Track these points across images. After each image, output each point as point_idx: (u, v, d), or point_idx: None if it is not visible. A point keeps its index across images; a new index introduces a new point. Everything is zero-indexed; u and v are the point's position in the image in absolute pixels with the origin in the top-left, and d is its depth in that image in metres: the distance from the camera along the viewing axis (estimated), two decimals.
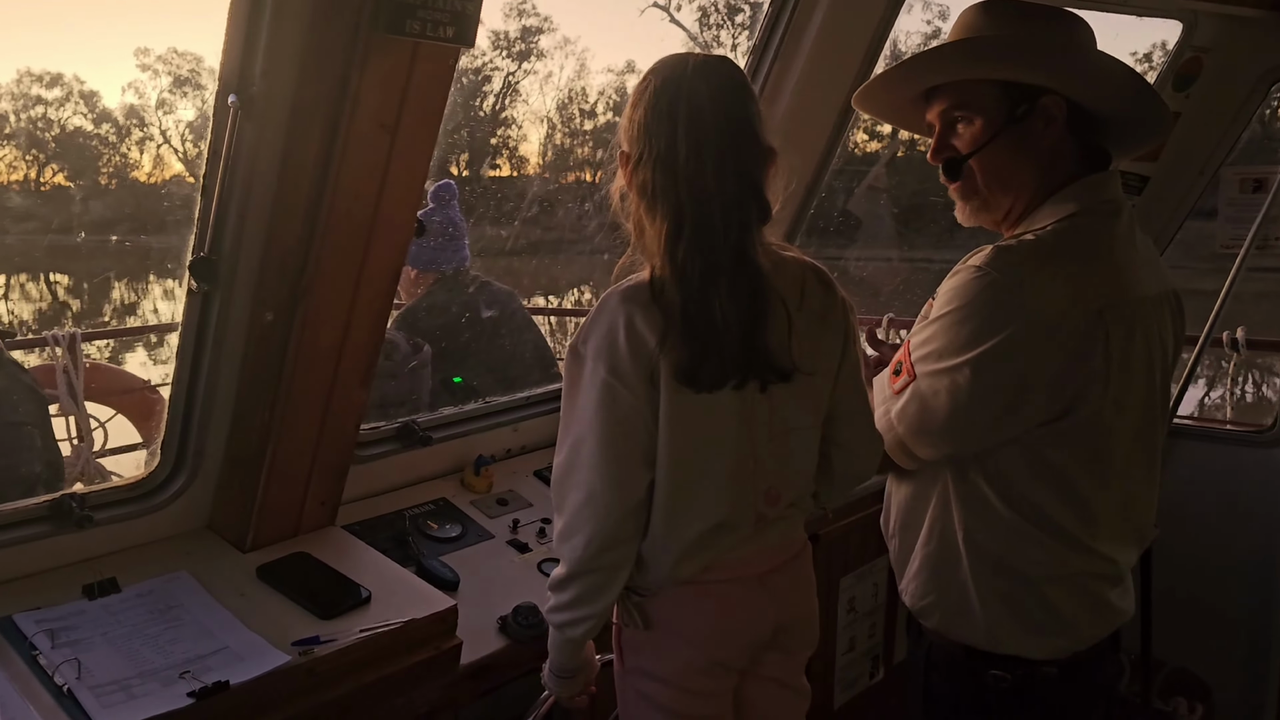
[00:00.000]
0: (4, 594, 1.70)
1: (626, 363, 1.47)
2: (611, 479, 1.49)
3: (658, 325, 1.46)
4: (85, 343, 4.20)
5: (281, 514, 1.95)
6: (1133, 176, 3.35)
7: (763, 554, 1.61)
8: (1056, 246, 1.63)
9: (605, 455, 1.48)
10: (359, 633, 1.72)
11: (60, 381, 4.02)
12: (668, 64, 1.53)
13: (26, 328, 12.46)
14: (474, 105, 16.80)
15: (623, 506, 1.50)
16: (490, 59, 17.63)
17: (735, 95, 1.52)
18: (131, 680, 1.55)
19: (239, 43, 1.61)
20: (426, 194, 3.09)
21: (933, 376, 1.64)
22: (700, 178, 1.47)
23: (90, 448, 4.09)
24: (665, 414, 1.49)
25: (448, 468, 2.43)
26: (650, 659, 1.61)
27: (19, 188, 15.11)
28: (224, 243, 1.75)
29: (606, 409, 1.48)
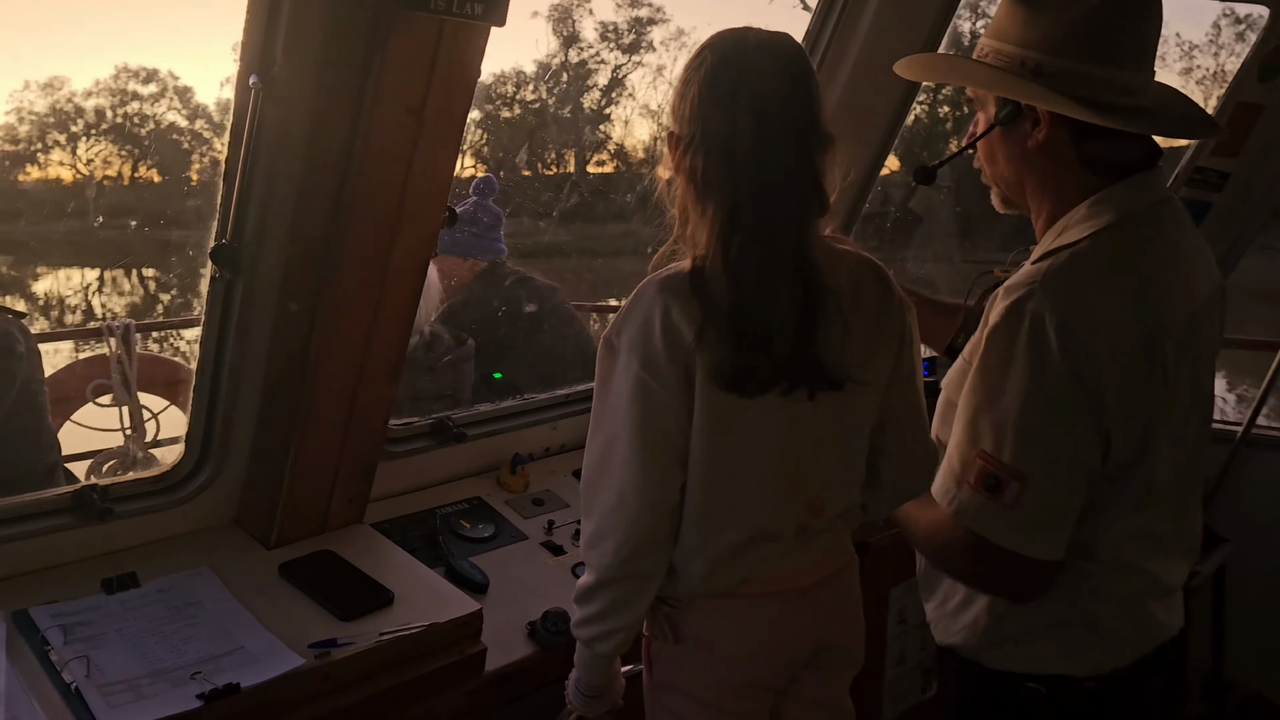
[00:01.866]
0: (23, 586, 1.68)
1: (662, 357, 1.37)
2: (643, 482, 1.39)
3: (696, 319, 1.37)
4: (140, 334, 4.23)
5: (307, 510, 1.90)
6: (1212, 173, 3.18)
7: (805, 567, 1.50)
8: (1097, 267, 1.48)
9: (637, 455, 1.39)
10: (379, 636, 1.65)
11: (114, 372, 4.03)
12: (726, 39, 1.42)
13: (129, 319, 12.87)
14: (578, 99, 16.85)
15: (655, 510, 1.41)
16: (596, 51, 17.53)
17: (801, 77, 1.41)
18: (141, 680, 1.51)
19: (261, 20, 1.55)
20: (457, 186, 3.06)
21: (1007, 472, 1.46)
22: (763, 167, 1.37)
23: (143, 438, 4.10)
24: (701, 414, 1.39)
25: (484, 465, 2.36)
26: (681, 674, 1.52)
27: (110, 183, 15.49)
28: (246, 230, 1.69)
29: (639, 405, 1.38)
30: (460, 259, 3.13)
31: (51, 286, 13.41)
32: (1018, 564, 1.47)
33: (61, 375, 3.92)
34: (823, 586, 1.52)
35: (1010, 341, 1.44)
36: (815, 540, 1.50)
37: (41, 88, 16.02)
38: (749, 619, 1.48)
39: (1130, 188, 1.53)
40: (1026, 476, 1.43)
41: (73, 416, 3.91)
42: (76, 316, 12.76)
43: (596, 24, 17.58)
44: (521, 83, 17.49)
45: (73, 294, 13.30)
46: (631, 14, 17.14)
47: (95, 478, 3.72)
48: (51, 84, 15.99)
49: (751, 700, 1.51)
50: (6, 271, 12.75)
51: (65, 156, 15.93)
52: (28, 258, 12.94)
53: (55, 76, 15.68)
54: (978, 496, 1.46)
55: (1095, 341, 1.42)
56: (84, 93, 16.26)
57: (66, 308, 13.07)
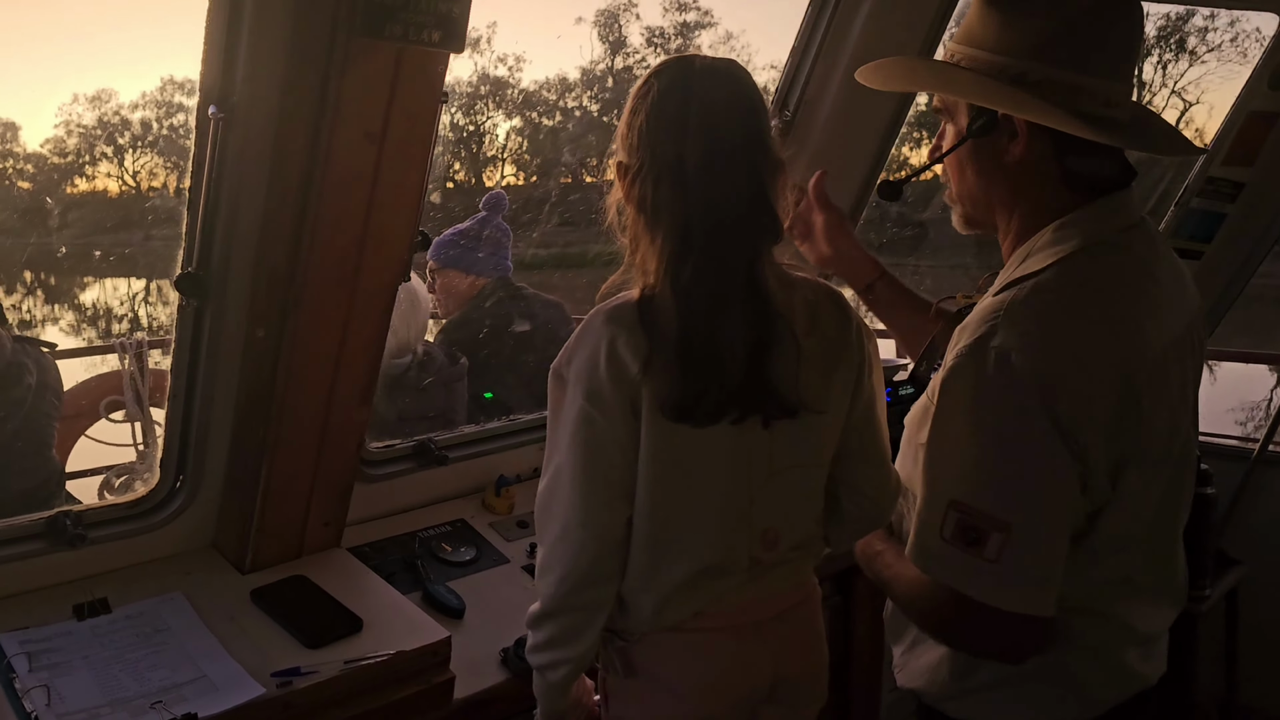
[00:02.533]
0: None
1: (606, 389, 1.35)
2: (587, 514, 1.38)
3: (642, 349, 1.34)
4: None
5: (281, 535, 1.90)
6: (1225, 183, 3.11)
7: (761, 600, 1.47)
8: (1063, 298, 1.37)
9: (580, 488, 1.38)
10: (343, 664, 1.64)
11: (127, 388, 4.07)
12: (672, 66, 1.40)
13: (165, 332, 13.01)
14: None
15: (597, 543, 1.39)
16: (643, 57, 17.41)
17: (749, 102, 1.38)
18: (101, 709, 1.51)
19: (219, 50, 1.56)
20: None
21: (987, 522, 1.34)
22: (712, 193, 1.34)
23: (155, 453, 4.13)
24: (647, 445, 1.37)
25: (469, 487, 2.36)
26: (635, 709, 1.49)
27: (154, 194, 15.67)
28: (212, 258, 1.70)
29: (583, 438, 1.37)
30: (462, 274, 3.13)
31: (99, 297, 13.60)
32: (1009, 623, 1.34)
33: (75, 391, 3.97)
34: (781, 620, 1.49)
35: (976, 381, 1.33)
36: (771, 573, 1.47)
37: (89, 100, 16.30)
38: (701, 653, 1.45)
39: (1102, 209, 1.43)
40: (1009, 525, 1.31)
41: (87, 432, 3.97)
42: (123, 326, 12.93)
43: (643, 29, 17.44)
44: (565, 90, 17.37)
45: (119, 304, 13.46)
46: (679, 18, 16.98)
47: (107, 493, 3.77)
48: (99, 97, 16.27)
49: None
50: (54, 283, 12.93)
51: (113, 168, 16.18)
52: (75, 268, 13.12)
53: (103, 89, 15.94)
54: (956, 552, 1.34)
55: (1067, 376, 1.31)
56: (130, 105, 16.49)
57: (114, 318, 13.24)
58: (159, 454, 4.48)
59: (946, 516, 1.34)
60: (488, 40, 17.77)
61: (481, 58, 17.53)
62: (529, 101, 17.17)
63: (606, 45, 17.44)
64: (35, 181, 15.24)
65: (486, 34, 17.72)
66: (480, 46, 17.35)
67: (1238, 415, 5.56)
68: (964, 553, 1.33)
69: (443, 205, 3.50)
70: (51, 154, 15.78)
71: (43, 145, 15.97)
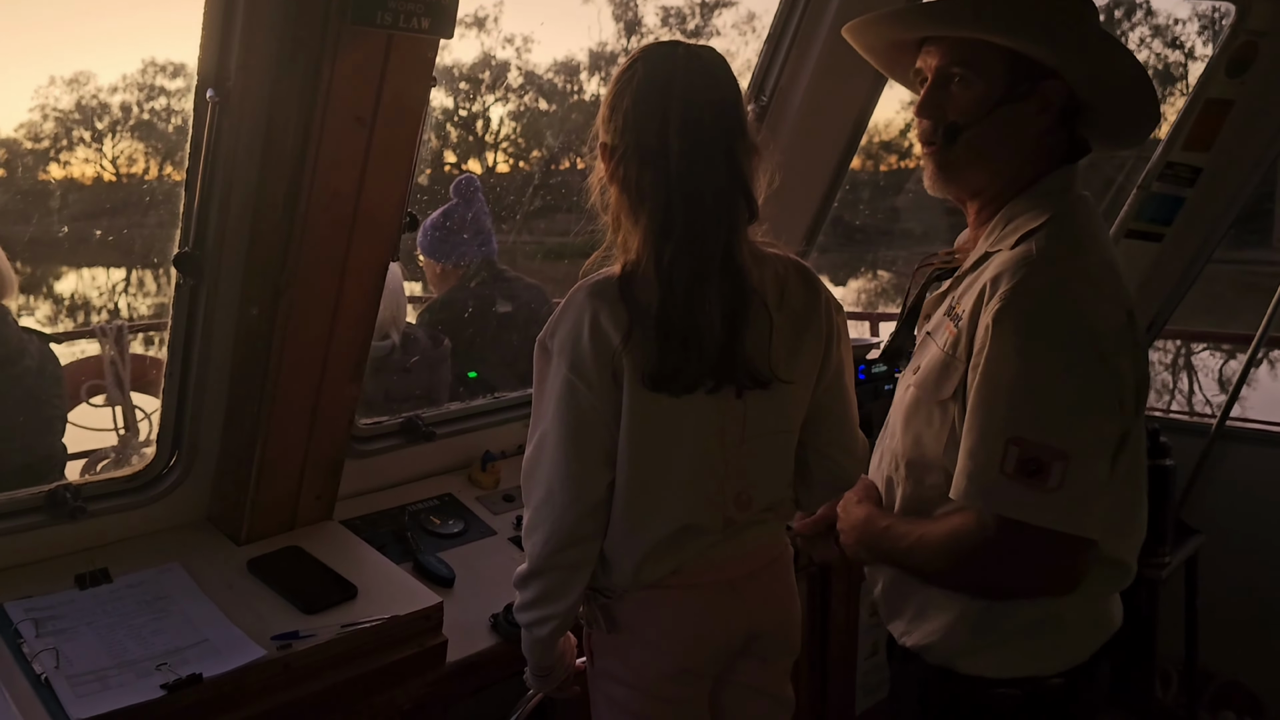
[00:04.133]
0: None
1: (589, 360, 1.43)
2: (569, 477, 1.46)
3: (623, 323, 1.42)
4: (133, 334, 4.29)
5: (275, 508, 1.96)
6: (1184, 168, 3.21)
7: (735, 559, 1.56)
8: (1077, 244, 1.47)
9: (564, 453, 1.45)
10: (340, 628, 1.71)
11: (108, 373, 4.10)
12: (657, 50, 1.47)
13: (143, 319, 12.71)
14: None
15: (580, 505, 1.47)
16: (657, 37, 16.88)
17: (728, 88, 1.46)
18: (109, 670, 1.57)
19: (215, 36, 1.62)
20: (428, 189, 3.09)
21: (1049, 453, 1.41)
22: (693, 177, 1.41)
23: (136, 437, 4.17)
24: (628, 413, 1.45)
25: (455, 463, 2.42)
26: (617, 663, 1.57)
27: (128, 180, 15.30)
28: (208, 238, 1.76)
29: (567, 406, 1.44)
30: (435, 262, 3.17)
31: (77, 286, 13.32)
32: (1069, 548, 1.40)
33: None
34: (753, 578, 1.57)
35: (1024, 322, 1.40)
36: (745, 533, 1.55)
37: (67, 83, 15.85)
38: (679, 608, 1.53)
39: (1063, 178, 1.53)
40: (1069, 455, 1.38)
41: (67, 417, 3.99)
42: (103, 317, 12.71)
43: (659, 8, 16.60)
44: (572, 72, 16.82)
45: (98, 294, 13.17)
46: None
47: (89, 476, 3.79)
48: (77, 79, 15.85)
49: (685, 686, 1.56)
50: (30, 271, 12.68)
51: (91, 154, 15.79)
52: (54, 257, 12.88)
53: (81, 71, 15.55)
54: (1019, 486, 1.39)
55: (1100, 307, 1.41)
56: (109, 88, 16.07)
57: (92, 308, 12.97)
58: (139, 438, 4.52)
59: (1006, 453, 1.40)
60: (494, 19, 17.26)
61: (488, 37, 17.02)
62: (537, 85, 16.47)
63: (621, 25, 16.92)
64: (8, 167, 14.91)
65: (494, 12, 17.18)
66: (487, 26, 16.83)
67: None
68: (1027, 485, 1.39)
69: (429, 188, 3.50)
70: (26, 138, 15.45)
71: (16, 129, 15.62)
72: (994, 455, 1.41)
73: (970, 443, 1.44)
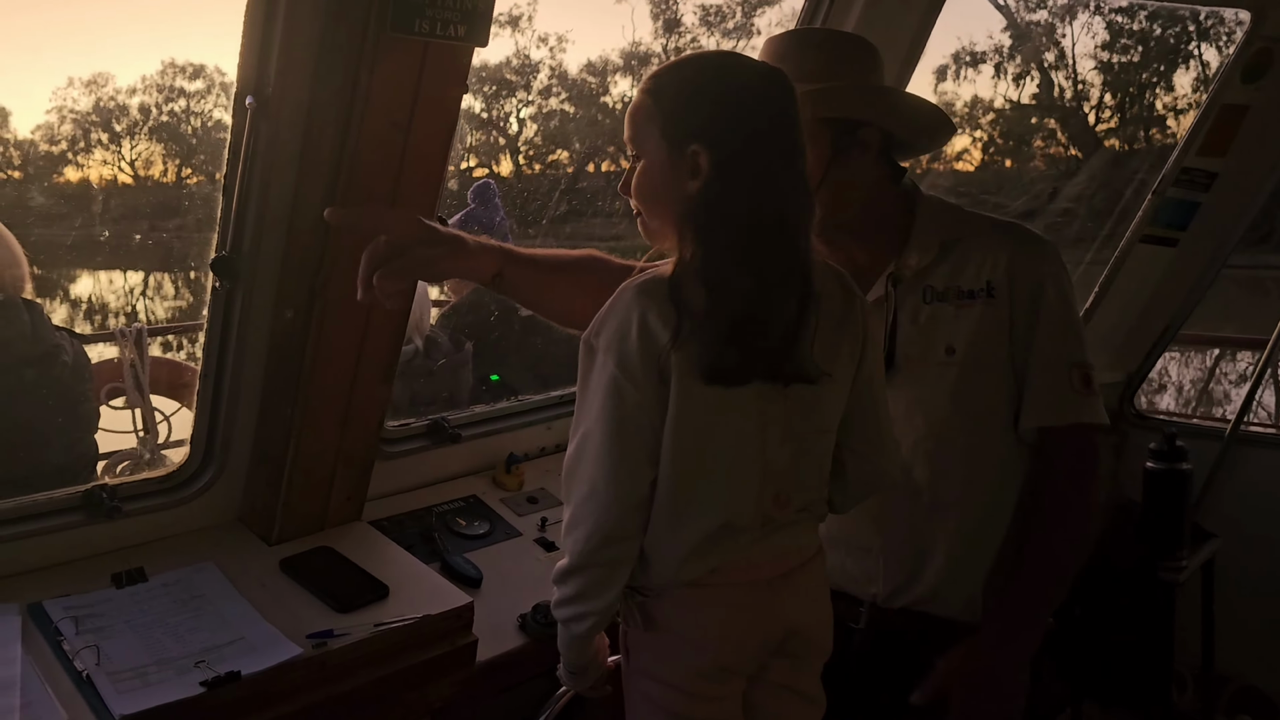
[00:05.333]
0: (37, 580, 1.76)
1: (636, 359, 1.44)
2: (613, 475, 1.47)
3: (671, 321, 1.43)
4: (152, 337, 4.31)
5: (306, 508, 1.99)
6: (1200, 173, 3.23)
7: (772, 558, 1.57)
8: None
9: (609, 451, 1.46)
10: (373, 627, 1.74)
11: (126, 375, 4.12)
12: (731, 58, 1.52)
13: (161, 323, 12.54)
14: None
15: (623, 502, 1.48)
16: (694, 36, 16.39)
17: (788, 88, 1.49)
18: (148, 668, 1.59)
19: (255, 43, 1.64)
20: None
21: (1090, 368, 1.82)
22: (772, 174, 1.45)
23: (155, 439, 4.19)
24: (675, 410, 1.46)
25: (480, 465, 2.44)
26: (654, 661, 1.59)
27: (153, 184, 15.12)
28: (244, 241, 1.78)
29: (613, 404, 1.45)
30: None
31: (94, 290, 13.29)
32: (1100, 437, 1.82)
33: None
34: (789, 577, 1.59)
35: (1056, 269, 1.79)
36: (781, 533, 1.57)
37: (85, 85, 15.69)
38: (718, 607, 1.55)
39: (923, 193, 1.88)
40: (1092, 365, 1.81)
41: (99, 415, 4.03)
42: (120, 321, 12.69)
43: (696, 6, 16.43)
44: (607, 73, 16.29)
45: (115, 298, 13.13)
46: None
47: (109, 478, 3.81)
48: (95, 80, 15.70)
49: (721, 685, 1.58)
50: (47, 275, 12.64)
51: (109, 156, 15.65)
52: (72, 260, 12.85)
53: (99, 73, 15.39)
54: (1087, 397, 1.78)
55: None
56: (128, 89, 15.90)
57: (110, 312, 12.93)
58: (158, 440, 4.54)
59: (1071, 376, 1.78)
60: (529, 18, 16.76)
61: (522, 36, 16.56)
62: (575, 88, 16.07)
63: (659, 24, 16.49)
64: (24, 170, 14.83)
65: (528, 11, 16.70)
66: (520, 25, 16.30)
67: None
68: (1088, 395, 1.79)
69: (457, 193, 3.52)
70: (43, 140, 15.32)
71: (33, 131, 15.48)
72: (1063, 381, 1.77)
73: (1045, 374, 1.77)
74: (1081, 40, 26.41)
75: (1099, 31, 21.03)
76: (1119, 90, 20.54)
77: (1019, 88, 20.91)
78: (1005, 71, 21.45)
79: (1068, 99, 21.12)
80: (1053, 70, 20.78)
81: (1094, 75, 21.23)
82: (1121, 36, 19.92)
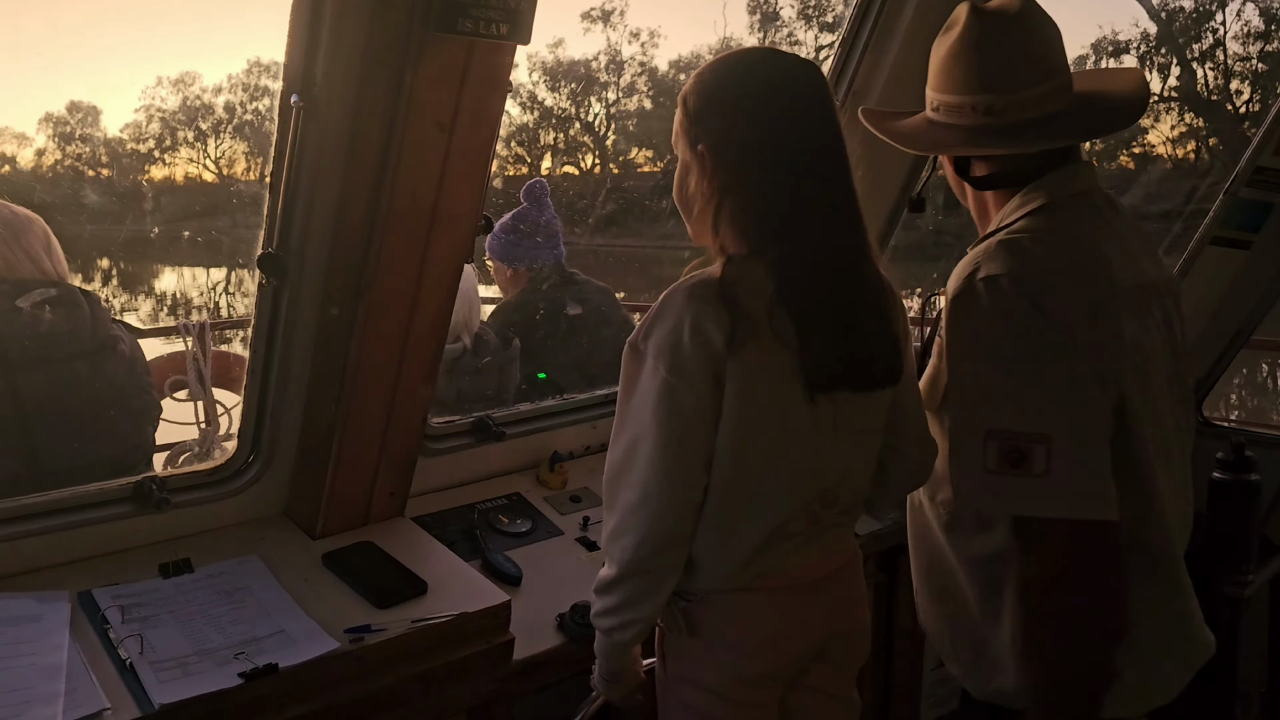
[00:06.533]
0: (87, 569, 1.81)
1: (691, 362, 1.42)
2: (668, 480, 1.44)
3: (725, 325, 1.42)
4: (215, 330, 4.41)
5: (350, 503, 2.01)
6: (1275, 173, 3.10)
7: (816, 560, 1.55)
8: (1035, 234, 1.51)
9: (664, 456, 1.44)
10: (411, 623, 1.74)
11: (190, 369, 4.22)
12: (762, 58, 1.51)
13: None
14: None
15: (678, 509, 1.46)
16: (790, 31, 16.18)
17: (829, 94, 1.50)
18: (190, 658, 1.62)
19: (301, 43, 1.66)
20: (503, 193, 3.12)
21: (1026, 439, 1.41)
22: (824, 182, 1.46)
23: (216, 431, 4.28)
24: (730, 416, 1.44)
25: (524, 463, 2.45)
26: (695, 667, 1.57)
27: (242, 180, 15.38)
28: (291, 239, 1.80)
29: (666, 409, 1.43)
30: (505, 266, 3.20)
31: (177, 285, 13.54)
32: (1081, 536, 1.37)
33: None
34: (831, 580, 1.57)
35: (973, 313, 1.44)
36: (825, 534, 1.55)
37: (173, 84, 15.99)
38: (763, 611, 1.53)
39: (1056, 179, 1.59)
40: (1049, 436, 1.37)
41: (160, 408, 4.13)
42: (202, 315, 12.92)
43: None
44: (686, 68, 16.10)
45: (198, 294, 13.36)
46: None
47: (171, 468, 3.90)
48: (183, 79, 16.01)
49: (763, 690, 1.56)
50: (132, 270, 12.90)
51: (194, 154, 15.97)
52: (156, 257, 13.11)
53: (187, 72, 15.68)
54: (1005, 479, 1.39)
55: (1047, 283, 1.43)
56: (214, 88, 16.15)
57: (193, 307, 13.16)
58: (220, 431, 4.65)
59: (986, 448, 1.40)
60: (621, 13, 16.66)
61: (614, 32, 16.47)
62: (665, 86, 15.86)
63: (757, 17, 16.27)
64: (111, 168, 15.17)
65: (620, 5, 16.63)
66: (612, 20, 16.17)
67: None
68: (1013, 476, 1.38)
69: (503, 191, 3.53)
70: (131, 139, 15.65)
71: (122, 130, 15.81)
72: (975, 453, 1.41)
73: (951, 444, 1.46)
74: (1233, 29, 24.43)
75: (1252, 19, 19.67)
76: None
77: (1164, 79, 19.51)
78: (1152, 62, 19.98)
79: (1211, 93, 20.05)
80: (1195, 62, 19.51)
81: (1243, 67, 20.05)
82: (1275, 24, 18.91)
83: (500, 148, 14.03)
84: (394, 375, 1.91)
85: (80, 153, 15.05)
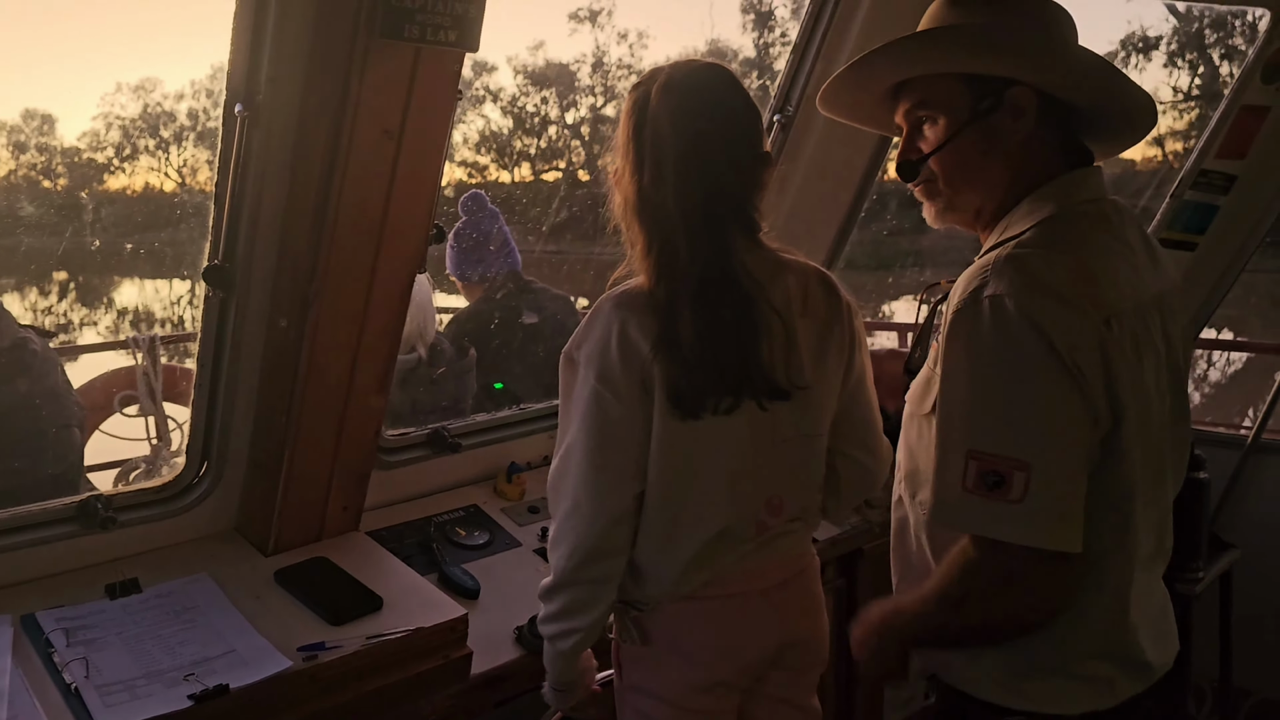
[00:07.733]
0: (31, 591, 1.76)
1: (618, 370, 1.43)
2: (596, 490, 1.45)
3: (651, 332, 1.42)
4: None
5: (303, 519, 1.97)
6: (1218, 175, 3.17)
7: (767, 568, 1.55)
8: (1044, 250, 1.42)
9: (592, 464, 1.45)
10: (366, 640, 1.72)
11: (140, 383, 4.15)
12: (647, 76, 1.51)
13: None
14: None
15: (607, 518, 1.46)
16: (784, 32, 16.15)
17: (707, 107, 1.46)
18: (137, 681, 1.58)
19: (244, 51, 1.63)
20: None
21: (1007, 464, 1.37)
22: (661, 199, 1.45)
23: (168, 447, 4.21)
24: (660, 423, 1.44)
25: (481, 474, 2.42)
26: (649, 676, 1.57)
27: (202, 191, 15.11)
28: (237, 251, 1.77)
29: (594, 418, 1.44)
30: (459, 280, 3.19)
31: (138, 299, 13.27)
32: (1041, 564, 1.36)
33: (87, 387, 4.04)
34: (784, 587, 1.57)
35: (974, 330, 1.38)
36: (775, 542, 1.54)
37: (133, 90, 15.52)
38: (714, 620, 1.52)
39: (1070, 183, 1.49)
40: (1029, 465, 1.34)
41: (101, 427, 4.04)
42: (166, 329, 12.70)
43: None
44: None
45: (161, 308, 13.09)
46: None
47: (123, 485, 3.82)
48: (143, 86, 15.54)
49: (717, 699, 1.56)
50: (91, 283, 12.60)
51: (155, 163, 15.52)
52: (116, 269, 12.82)
53: (147, 78, 15.23)
54: (981, 500, 1.36)
55: (1052, 311, 1.36)
56: (175, 95, 15.70)
57: (154, 320, 12.86)
58: (171, 447, 4.55)
59: (966, 467, 1.37)
60: (609, 13, 16.64)
61: (601, 33, 16.31)
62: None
63: (751, 17, 16.18)
64: (69, 178, 14.70)
65: (608, 5, 16.57)
66: (599, 21, 16.17)
67: None
68: (989, 499, 1.35)
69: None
70: (88, 148, 15.18)
71: (79, 139, 15.34)
72: (955, 471, 1.38)
73: (936, 459, 1.41)
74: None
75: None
76: None
77: (1193, 77, 18.93)
78: (1181, 59, 18.90)
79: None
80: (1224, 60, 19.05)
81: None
82: None
83: (477, 155, 13.65)
84: (345, 387, 1.88)
85: (35, 162, 14.63)
